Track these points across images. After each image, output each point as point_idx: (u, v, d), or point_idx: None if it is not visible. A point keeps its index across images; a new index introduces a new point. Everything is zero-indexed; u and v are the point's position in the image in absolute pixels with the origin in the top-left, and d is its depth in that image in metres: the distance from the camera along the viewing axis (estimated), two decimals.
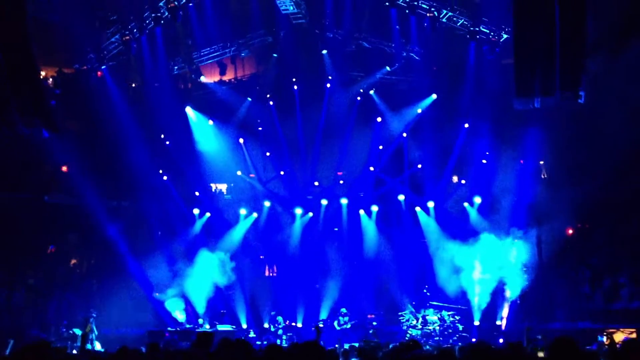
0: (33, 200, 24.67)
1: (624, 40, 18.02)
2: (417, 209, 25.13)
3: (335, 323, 23.18)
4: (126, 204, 25.66)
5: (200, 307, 23.83)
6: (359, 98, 26.44)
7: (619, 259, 22.36)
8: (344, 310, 23.50)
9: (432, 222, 24.87)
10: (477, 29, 21.58)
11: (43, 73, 21.83)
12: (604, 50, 17.98)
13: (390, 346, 10.39)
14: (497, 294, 22.93)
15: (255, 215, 25.71)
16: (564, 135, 20.97)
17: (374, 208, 25.48)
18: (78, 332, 21.10)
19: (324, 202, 25.86)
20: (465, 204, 24.59)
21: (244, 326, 24.15)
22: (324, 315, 24.56)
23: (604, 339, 17.08)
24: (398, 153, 26.52)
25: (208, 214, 25.58)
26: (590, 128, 21.53)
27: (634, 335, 18.55)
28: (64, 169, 26.58)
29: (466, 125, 25.00)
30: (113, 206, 25.10)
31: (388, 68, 26.77)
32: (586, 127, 21.62)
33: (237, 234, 25.37)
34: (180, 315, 23.79)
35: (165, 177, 25.54)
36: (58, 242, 25.87)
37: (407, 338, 22.15)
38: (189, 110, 26.35)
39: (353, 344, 15.57)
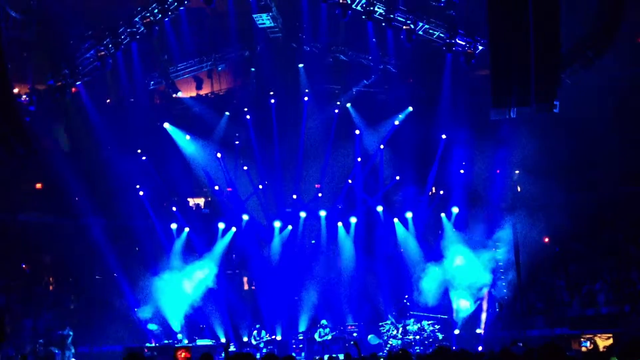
0: (7, 219, 24.23)
1: (599, 46, 18.36)
2: (395, 220, 25.28)
3: (317, 335, 23.12)
4: (103, 220, 25.34)
5: (179, 322, 23.60)
6: (336, 111, 26.57)
7: (595, 266, 22.66)
8: (324, 322, 23.45)
9: (410, 233, 25.03)
10: (454, 40, 21.76)
11: (16, 90, 21.54)
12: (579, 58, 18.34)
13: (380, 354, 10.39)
14: (477, 303, 23.11)
15: (234, 229, 25.58)
16: (541, 145, 21.22)
17: (353, 220, 25.55)
18: (55, 350, 20.78)
19: (303, 214, 25.88)
20: (443, 215, 24.78)
21: (223, 340, 23.94)
22: (303, 327, 24.53)
23: (588, 344, 17.32)
24: (376, 165, 26.67)
25: (187, 229, 25.41)
26: (568, 138, 21.82)
27: (610, 341, 18.81)
28: (39, 186, 26.22)
29: (444, 136, 25.23)
30: (89, 223, 24.75)
31: (366, 81, 26.99)
32: (563, 138, 21.91)
33: (216, 248, 25.21)
34: (155, 326, 23.51)
35: (141, 193, 25.32)
36: (34, 260, 25.42)
37: (387, 348, 22.21)
38: (166, 125, 26.20)
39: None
